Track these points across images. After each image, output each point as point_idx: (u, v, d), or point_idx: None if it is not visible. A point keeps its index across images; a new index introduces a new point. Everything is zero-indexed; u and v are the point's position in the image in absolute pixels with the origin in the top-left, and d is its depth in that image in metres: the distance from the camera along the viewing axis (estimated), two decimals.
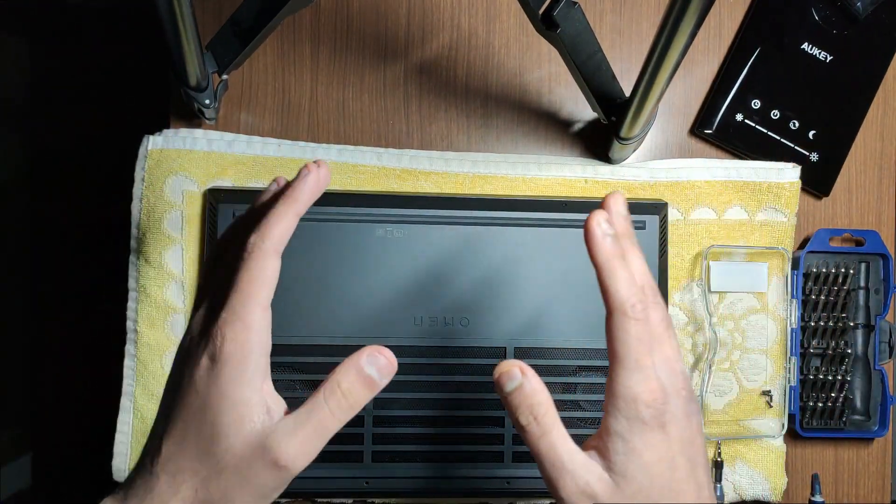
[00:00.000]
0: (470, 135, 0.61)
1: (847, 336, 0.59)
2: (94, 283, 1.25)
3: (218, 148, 0.57)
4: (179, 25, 0.44)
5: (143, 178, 0.56)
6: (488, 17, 0.61)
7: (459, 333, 0.55)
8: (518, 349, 0.56)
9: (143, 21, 1.26)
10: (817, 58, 0.61)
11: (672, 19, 0.40)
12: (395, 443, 0.55)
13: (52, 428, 1.25)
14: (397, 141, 0.60)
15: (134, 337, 0.56)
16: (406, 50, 0.61)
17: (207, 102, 0.53)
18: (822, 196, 0.62)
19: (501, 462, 0.55)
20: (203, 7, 0.59)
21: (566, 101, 0.61)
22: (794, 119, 0.61)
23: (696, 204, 0.59)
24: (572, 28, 0.49)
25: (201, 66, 0.49)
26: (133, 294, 0.56)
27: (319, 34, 0.60)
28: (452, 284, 0.56)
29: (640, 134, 0.54)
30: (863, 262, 0.60)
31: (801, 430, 0.59)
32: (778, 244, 0.59)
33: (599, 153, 0.60)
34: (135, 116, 1.23)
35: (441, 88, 0.61)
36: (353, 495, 0.56)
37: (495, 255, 0.56)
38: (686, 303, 0.58)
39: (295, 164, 0.57)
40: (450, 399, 0.55)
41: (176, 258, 0.56)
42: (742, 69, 0.60)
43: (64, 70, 1.27)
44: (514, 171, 0.58)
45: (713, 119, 0.60)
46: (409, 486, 0.55)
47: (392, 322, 0.55)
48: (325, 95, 0.60)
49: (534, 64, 0.61)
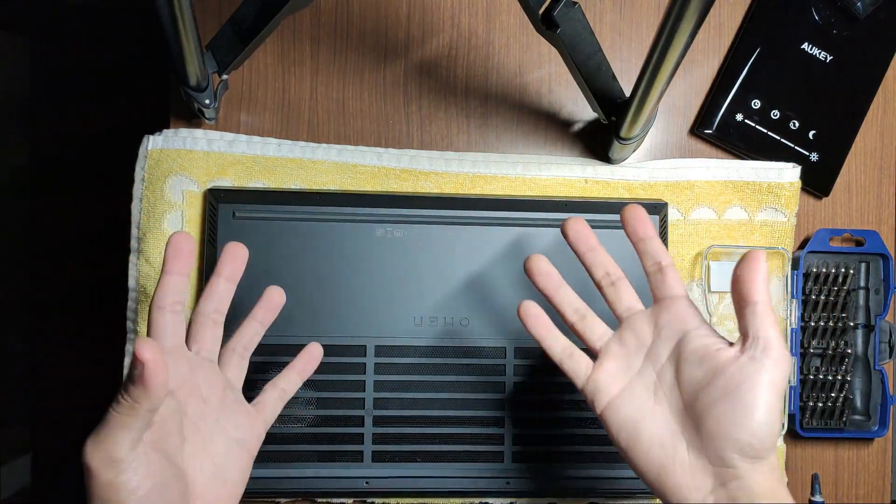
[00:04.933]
0: (470, 135, 0.61)
1: (847, 336, 0.59)
2: (94, 283, 1.25)
3: (218, 148, 0.57)
4: (179, 25, 0.44)
5: (143, 178, 0.56)
6: (488, 16, 0.61)
7: (459, 333, 0.55)
8: (518, 349, 0.56)
9: (143, 21, 1.26)
10: (817, 58, 0.61)
11: (672, 19, 0.40)
12: (395, 443, 0.55)
13: (52, 428, 1.25)
14: (397, 141, 0.60)
15: (134, 337, 0.56)
16: (406, 50, 0.61)
17: (207, 102, 0.53)
18: (822, 196, 0.62)
19: (501, 462, 0.55)
20: (203, 7, 0.59)
21: (566, 101, 0.61)
22: (794, 119, 0.61)
23: (696, 204, 0.59)
24: (572, 28, 0.49)
25: (201, 66, 0.49)
26: (133, 294, 0.56)
27: (319, 34, 0.60)
28: (452, 284, 0.56)
29: (640, 134, 0.54)
30: (863, 262, 0.60)
31: (801, 430, 0.59)
32: (778, 244, 0.59)
33: (599, 153, 0.60)
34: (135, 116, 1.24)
35: (441, 88, 0.61)
36: (353, 495, 0.56)
37: (495, 255, 0.56)
38: None
39: (295, 164, 0.57)
40: (450, 399, 0.55)
41: None
42: (742, 69, 0.60)
43: (64, 70, 1.27)
44: (514, 171, 0.58)
45: (713, 119, 0.60)
46: (409, 486, 0.55)
47: (392, 322, 0.55)
48: (325, 95, 0.60)
49: (534, 64, 0.61)
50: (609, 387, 0.44)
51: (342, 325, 0.55)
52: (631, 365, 0.45)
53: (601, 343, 0.46)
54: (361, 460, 0.55)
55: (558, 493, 0.56)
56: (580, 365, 0.45)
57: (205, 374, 0.44)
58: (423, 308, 0.55)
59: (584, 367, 0.45)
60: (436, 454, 0.55)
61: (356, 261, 0.55)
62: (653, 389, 0.44)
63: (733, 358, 0.41)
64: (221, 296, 0.46)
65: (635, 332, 0.45)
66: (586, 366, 0.45)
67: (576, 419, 0.56)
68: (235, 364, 0.46)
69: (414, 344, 0.55)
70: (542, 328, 0.46)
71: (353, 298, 0.55)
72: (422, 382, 0.55)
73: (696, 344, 0.43)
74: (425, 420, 0.55)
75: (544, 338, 0.46)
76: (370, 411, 0.55)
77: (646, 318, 0.45)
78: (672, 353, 0.44)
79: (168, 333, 0.42)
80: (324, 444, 0.55)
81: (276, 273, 0.54)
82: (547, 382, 0.56)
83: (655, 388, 0.44)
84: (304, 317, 0.54)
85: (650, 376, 0.44)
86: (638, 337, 0.45)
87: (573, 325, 0.47)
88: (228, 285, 0.46)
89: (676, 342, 0.44)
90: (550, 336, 0.46)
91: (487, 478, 0.55)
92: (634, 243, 0.46)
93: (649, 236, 0.46)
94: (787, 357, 0.41)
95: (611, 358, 0.45)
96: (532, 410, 0.56)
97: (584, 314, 0.46)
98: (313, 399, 0.55)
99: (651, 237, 0.46)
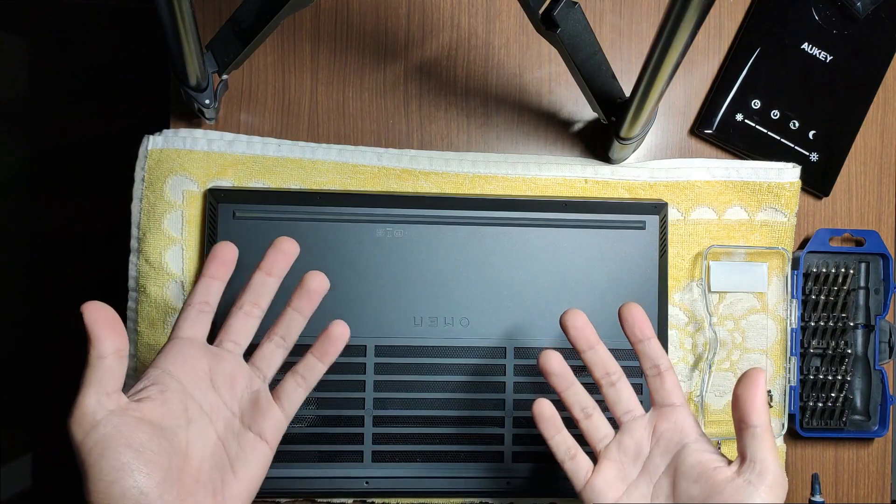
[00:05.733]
0: (470, 135, 0.61)
1: (847, 336, 0.59)
2: (94, 283, 1.25)
3: (218, 148, 0.57)
4: (179, 25, 0.44)
5: (143, 178, 0.56)
6: (488, 17, 0.61)
7: (459, 333, 0.55)
8: (518, 349, 0.56)
9: (143, 21, 1.26)
10: (817, 58, 0.61)
11: (672, 19, 0.40)
12: (395, 443, 0.55)
13: (52, 428, 1.25)
14: (397, 141, 0.60)
15: (134, 337, 0.56)
16: (406, 50, 0.61)
17: (207, 102, 0.53)
18: (822, 196, 0.62)
19: (501, 462, 0.55)
20: (203, 7, 0.59)
21: (566, 101, 0.61)
22: (794, 119, 0.61)
23: (696, 204, 0.59)
24: (572, 28, 0.49)
25: (201, 66, 0.49)
26: (133, 294, 0.56)
27: (319, 34, 0.60)
28: (452, 284, 0.56)
29: (640, 134, 0.54)
30: (863, 262, 0.60)
31: (801, 430, 0.59)
32: (778, 244, 0.59)
33: (599, 153, 0.60)
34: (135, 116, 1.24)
35: (441, 88, 0.61)
36: (353, 495, 0.56)
37: (495, 255, 0.56)
38: (686, 303, 0.58)
39: (295, 164, 0.57)
40: (450, 399, 0.55)
41: (176, 258, 0.56)
42: (742, 69, 0.60)
43: (64, 70, 1.27)
44: (514, 171, 0.58)
45: (713, 119, 0.60)
46: (409, 486, 0.55)
47: (392, 322, 0.55)
48: (325, 95, 0.60)
49: (534, 64, 0.61)
50: (606, 493, 0.46)
51: None
52: (629, 473, 0.46)
53: (602, 446, 0.47)
54: (361, 460, 0.55)
55: (558, 493, 0.56)
56: (580, 468, 0.47)
57: (221, 364, 0.45)
58: (423, 308, 0.55)
59: (584, 471, 0.46)
60: (436, 454, 0.55)
61: (356, 261, 0.55)
62: (648, 500, 0.45)
63: (730, 478, 0.43)
64: (260, 290, 0.47)
65: (634, 439, 0.47)
66: (586, 470, 0.47)
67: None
68: (268, 353, 0.46)
69: (414, 344, 0.55)
70: (553, 429, 0.48)
71: (353, 298, 0.55)
72: (422, 382, 0.55)
73: (694, 460, 0.44)
74: (425, 420, 0.55)
75: (552, 437, 0.48)
76: (370, 411, 0.55)
77: (644, 424, 0.47)
78: (669, 466, 0.45)
79: (187, 325, 0.45)
80: (324, 444, 0.55)
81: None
82: (546, 383, 0.56)
83: (652, 499, 0.45)
84: None
85: (646, 487, 0.46)
86: (636, 444, 0.46)
87: (578, 422, 0.48)
88: (262, 277, 0.47)
89: (674, 455, 0.45)
90: (558, 437, 0.47)
91: (487, 478, 0.55)
92: (633, 344, 0.47)
93: (647, 337, 0.47)
94: (783, 482, 0.42)
95: (610, 463, 0.46)
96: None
97: (590, 413, 0.48)
98: (313, 399, 0.55)
99: (650, 338, 0.47)
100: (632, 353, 0.48)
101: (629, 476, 0.46)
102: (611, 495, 0.45)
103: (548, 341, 0.56)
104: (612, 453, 0.47)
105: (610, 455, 0.47)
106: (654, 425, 0.46)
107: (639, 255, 0.57)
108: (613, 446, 0.47)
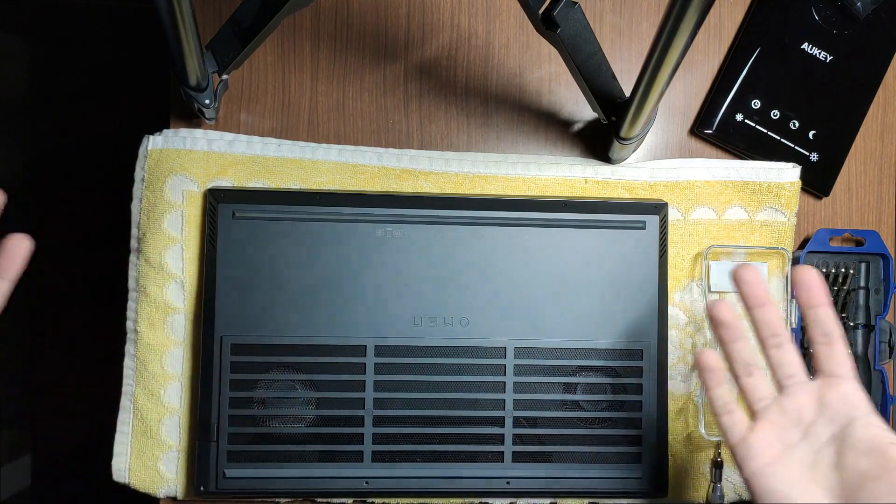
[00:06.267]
0: (470, 135, 0.61)
1: (847, 336, 0.59)
2: (93, 283, 1.25)
3: (218, 148, 0.57)
4: (179, 25, 0.44)
5: (143, 178, 0.56)
6: (488, 17, 0.61)
7: (459, 333, 0.55)
8: (518, 349, 0.56)
9: (143, 21, 1.26)
10: (817, 58, 0.61)
11: (672, 19, 0.40)
12: (395, 443, 0.55)
13: (52, 428, 1.25)
14: (397, 141, 0.60)
15: (134, 337, 0.56)
16: (406, 50, 0.61)
17: (207, 102, 0.53)
18: (822, 196, 0.62)
19: (501, 462, 0.55)
20: (203, 7, 0.59)
21: (566, 101, 0.61)
22: (794, 119, 0.61)
23: (696, 204, 0.59)
24: (572, 28, 0.49)
25: (201, 66, 0.49)
26: (133, 294, 0.56)
27: (319, 34, 0.60)
28: (452, 284, 0.56)
29: (640, 134, 0.54)
30: (863, 262, 0.60)
31: None
32: (778, 244, 0.59)
33: (599, 153, 0.60)
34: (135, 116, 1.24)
35: (441, 88, 0.61)
36: (353, 495, 0.56)
37: (495, 255, 0.56)
38: (686, 303, 0.58)
39: (295, 164, 0.57)
40: (450, 399, 0.55)
41: (176, 258, 0.56)
42: (742, 69, 0.60)
43: (64, 70, 1.27)
44: (514, 171, 0.58)
45: (713, 119, 0.60)
46: (409, 486, 0.55)
47: (392, 322, 0.55)
48: (325, 95, 0.60)
49: (534, 64, 0.61)
50: (762, 453, 0.44)
51: (342, 325, 0.55)
52: (789, 437, 0.44)
53: (761, 405, 0.45)
54: (361, 460, 0.55)
55: (558, 493, 0.56)
56: (737, 423, 0.45)
57: None
58: (423, 308, 0.55)
59: (741, 427, 0.45)
60: (436, 454, 0.55)
61: (356, 261, 0.55)
62: (808, 467, 0.43)
63: None
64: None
65: (797, 404, 0.44)
66: (743, 426, 0.45)
67: (576, 419, 0.56)
68: None
69: (414, 344, 0.55)
70: (716, 381, 0.46)
71: (353, 298, 0.55)
72: (422, 382, 0.55)
73: (865, 433, 0.42)
74: (425, 420, 0.55)
75: (713, 388, 0.46)
76: (370, 411, 0.55)
77: (810, 391, 0.44)
78: (834, 437, 0.43)
79: None
80: (324, 444, 0.55)
81: (276, 273, 0.55)
82: (547, 382, 0.56)
83: (812, 467, 0.43)
84: (303, 317, 0.54)
85: (807, 453, 0.43)
86: (798, 409, 0.44)
87: (739, 378, 0.46)
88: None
89: (841, 426, 0.43)
90: (720, 390, 0.46)
91: (487, 478, 0.55)
92: (804, 309, 0.45)
93: (820, 303, 0.45)
94: None
95: (768, 424, 0.44)
96: (532, 410, 0.56)
97: (752, 372, 0.46)
98: (313, 399, 0.55)
99: (823, 305, 0.45)
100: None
101: (789, 440, 0.44)
102: (768, 455, 0.43)
103: (548, 341, 0.56)
104: (773, 414, 0.44)
105: (770, 416, 0.44)
106: (821, 394, 0.44)
107: (639, 255, 0.57)
108: (774, 408, 0.44)
